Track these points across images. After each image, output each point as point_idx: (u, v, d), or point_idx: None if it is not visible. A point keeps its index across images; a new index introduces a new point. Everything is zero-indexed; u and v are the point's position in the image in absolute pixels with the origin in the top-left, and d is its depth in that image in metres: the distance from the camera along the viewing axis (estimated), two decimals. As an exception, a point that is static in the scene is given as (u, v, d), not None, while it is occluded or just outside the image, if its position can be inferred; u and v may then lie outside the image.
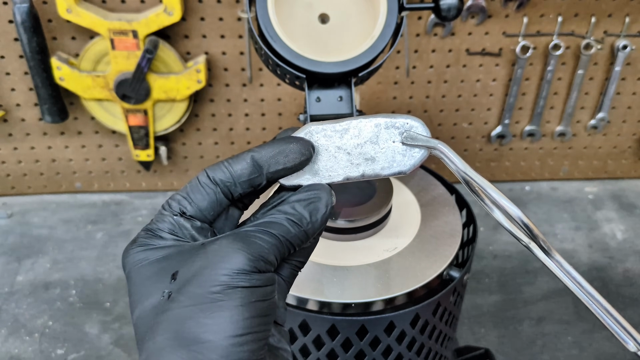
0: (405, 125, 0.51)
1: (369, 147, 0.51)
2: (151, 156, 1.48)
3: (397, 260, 0.72)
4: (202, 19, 1.34)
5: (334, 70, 0.84)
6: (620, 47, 1.41)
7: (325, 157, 0.51)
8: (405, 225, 0.78)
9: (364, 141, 0.51)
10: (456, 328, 0.84)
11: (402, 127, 0.51)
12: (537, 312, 1.28)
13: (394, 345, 0.70)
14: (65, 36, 1.34)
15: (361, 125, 0.51)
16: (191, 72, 1.34)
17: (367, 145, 0.51)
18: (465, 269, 0.73)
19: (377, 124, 0.51)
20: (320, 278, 0.69)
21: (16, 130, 1.47)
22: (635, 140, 1.61)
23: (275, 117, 1.49)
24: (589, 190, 1.64)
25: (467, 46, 1.42)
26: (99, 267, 1.37)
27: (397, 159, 0.51)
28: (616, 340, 0.47)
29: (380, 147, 0.51)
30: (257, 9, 0.83)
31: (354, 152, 0.51)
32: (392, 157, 0.51)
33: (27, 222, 1.50)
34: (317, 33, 0.87)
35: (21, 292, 1.31)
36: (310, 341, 0.68)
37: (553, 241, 1.46)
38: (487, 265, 1.39)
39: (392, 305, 0.69)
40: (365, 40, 0.85)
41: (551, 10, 1.37)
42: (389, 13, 0.84)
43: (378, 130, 0.51)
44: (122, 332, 1.23)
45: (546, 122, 1.55)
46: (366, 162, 0.51)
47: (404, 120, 0.51)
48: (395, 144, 0.51)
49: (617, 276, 1.37)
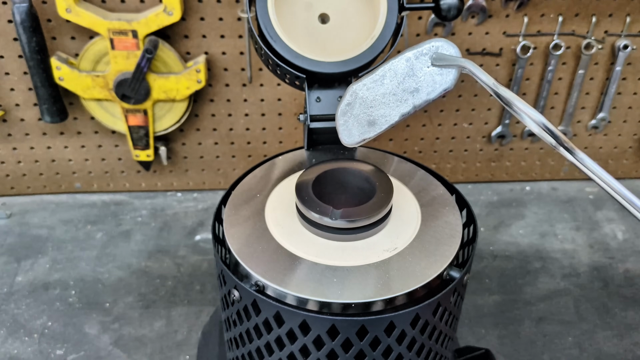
0: (432, 49, 0.52)
1: (409, 81, 0.53)
2: (151, 156, 1.48)
3: (397, 260, 0.72)
4: (202, 19, 1.34)
5: (334, 70, 0.84)
6: (621, 47, 1.40)
7: (378, 106, 0.52)
8: (405, 225, 0.77)
9: (403, 78, 0.53)
10: (456, 328, 0.84)
11: (429, 52, 0.53)
12: (538, 313, 1.27)
13: (394, 346, 0.69)
14: (64, 36, 1.34)
15: (394, 66, 0.53)
16: (191, 72, 1.34)
17: (407, 80, 0.53)
18: (466, 269, 0.73)
19: (408, 59, 0.53)
20: (320, 278, 0.69)
21: (15, 130, 1.47)
22: (636, 140, 1.60)
23: (275, 117, 1.49)
24: (590, 191, 1.64)
25: (468, 46, 1.41)
26: (99, 268, 1.37)
27: (437, 79, 0.53)
28: (617, 340, 0.47)
29: (419, 77, 0.53)
30: (257, 9, 0.83)
31: (398, 90, 0.53)
32: (432, 80, 0.53)
33: (27, 223, 1.50)
34: (317, 33, 0.87)
35: (20, 293, 1.31)
36: (310, 341, 0.68)
37: (554, 241, 1.46)
38: (487, 266, 1.39)
39: (392, 305, 0.69)
40: (365, 40, 0.85)
41: (552, 10, 1.37)
42: (389, 13, 0.84)
43: (410, 63, 0.53)
44: (121, 332, 1.23)
45: (547, 122, 1.55)
46: (412, 95, 0.53)
47: (429, 45, 0.53)
48: (430, 68, 0.53)
49: (617, 276, 1.36)
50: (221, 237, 0.79)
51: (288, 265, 0.71)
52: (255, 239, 0.74)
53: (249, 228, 0.76)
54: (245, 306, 0.70)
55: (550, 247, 1.44)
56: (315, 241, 0.74)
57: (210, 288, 1.32)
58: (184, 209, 1.56)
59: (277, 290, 0.68)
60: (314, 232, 0.74)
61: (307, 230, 0.75)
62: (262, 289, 0.69)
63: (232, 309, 0.74)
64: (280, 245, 0.74)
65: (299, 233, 0.75)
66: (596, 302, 1.29)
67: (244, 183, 0.85)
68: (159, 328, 1.24)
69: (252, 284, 0.69)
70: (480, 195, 1.61)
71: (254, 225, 0.77)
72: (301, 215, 0.75)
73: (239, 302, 0.71)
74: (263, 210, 0.80)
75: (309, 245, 0.73)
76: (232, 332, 0.77)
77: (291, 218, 0.77)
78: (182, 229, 1.49)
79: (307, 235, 0.75)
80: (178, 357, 1.18)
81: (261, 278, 0.69)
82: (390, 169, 0.88)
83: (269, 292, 0.69)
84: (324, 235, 0.74)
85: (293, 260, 0.71)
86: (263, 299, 0.67)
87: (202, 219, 1.53)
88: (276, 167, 0.89)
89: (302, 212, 0.74)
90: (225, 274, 0.72)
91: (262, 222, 0.77)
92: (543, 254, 1.42)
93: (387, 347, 0.69)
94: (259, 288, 0.69)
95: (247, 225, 0.77)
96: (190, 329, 1.23)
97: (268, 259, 0.71)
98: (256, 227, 0.77)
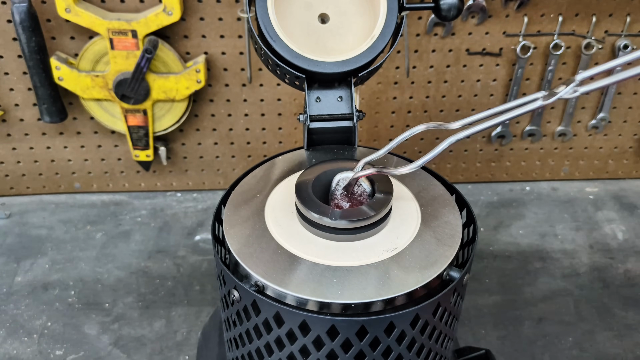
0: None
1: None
2: (150, 156, 1.48)
3: (397, 260, 0.72)
4: (201, 19, 1.33)
5: (334, 70, 0.84)
6: (621, 47, 1.40)
7: None
8: (405, 226, 0.77)
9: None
10: (456, 329, 0.84)
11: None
12: (538, 313, 1.27)
13: (394, 346, 0.69)
14: (64, 36, 1.34)
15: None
16: (191, 72, 1.34)
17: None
18: (466, 270, 0.72)
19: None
20: (319, 278, 0.69)
21: (15, 130, 1.47)
22: (636, 140, 1.60)
23: (274, 117, 1.49)
24: (590, 191, 1.64)
25: (468, 46, 1.41)
26: (98, 268, 1.37)
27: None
28: (617, 340, 0.47)
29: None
30: (257, 9, 0.83)
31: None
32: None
33: (26, 223, 1.50)
34: (317, 33, 0.87)
35: (20, 293, 1.31)
36: (310, 342, 0.68)
37: (554, 241, 1.46)
38: (487, 266, 1.39)
39: (392, 305, 0.68)
40: (365, 40, 0.85)
41: (552, 10, 1.37)
42: (388, 13, 0.84)
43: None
44: (121, 332, 1.22)
45: (547, 122, 1.55)
46: None
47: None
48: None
49: (618, 277, 1.36)
50: (221, 237, 0.78)
51: (288, 265, 0.71)
52: (255, 239, 0.74)
53: (249, 228, 0.76)
54: (245, 306, 0.70)
55: (550, 247, 1.44)
56: (315, 241, 0.74)
57: (210, 288, 1.32)
58: (183, 209, 1.56)
59: (277, 291, 0.68)
60: (314, 232, 0.74)
61: (307, 230, 0.75)
62: (261, 289, 0.69)
63: (232, 309, 0.74)
64: (280, 245, 0.73)
65: (298, 233, 0.75)
66: (596, 302, 1.29)
67: (243, 183, 0.85)
68: (159, 328, 1.24)
69: (252, 284, 0.69)
70: (480, 195, 1.61)
71: (254, 226, 0.77)
72: (301, 215, 0.75)
73: (238, 302, 0.71)
74: (263, 210, 0.79)
75: (308, 246, 0.73)
76: (232, 333, 0.77)
77: (291, 218, 0.77)
78: (181, 229, 1.49)
79: (307, 235, 0.75)
80: (178, 357, 1.18)
81: (261, 278, 0.69)
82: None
83: (268, 292, 0.69)
84: (324, 236, 0.74)
85: (293, 261, 0.71)
86: (263, 299, 0.67)
87: (201, 219, 1.52)
88: (276, 167, 0.89)
89: (302, 212, 0.74)
90: (225, 274, 0.71)
91: (262, 222, 0.77)
92: (543, 254, 1.42)
93: (387, 348, 0.69)
94: (258, 288, 0.69)
95: (247, 225, 0.77)
96: (190, 329, 1.23)
97: (268, 259, 0.71)
98: (256, 228, 0.76)
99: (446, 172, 1.62)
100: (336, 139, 0.92)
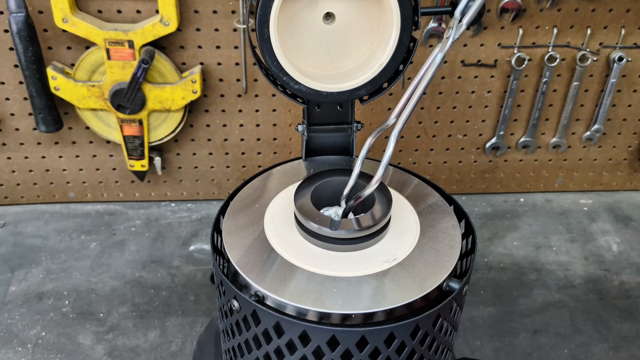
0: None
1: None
2: (145, 166, 1.48)
3: (397, 271, 0.72)
4: (197, 30, 1.34)
5: (342, 99, 0.83)
6: (615, 59, 1.41)
7: None
8: (405, 236, 0.77)
9: None
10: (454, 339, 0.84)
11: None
12: (533, 325, 1.27)
13: (393, 357, 0.69)
14: (60, 46, 1.34)
15: None
16: (186, 82, 1.34)
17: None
18: (465, 280, 0.73)
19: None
20: (320, 289, 0.69)
21: (10, 139, 1.46)
22: (630, 152, 1.61)
23: (269, 127, 1.49)
24: (584, 202, 1.64)
25: (463, 57, 1.42)
26: (93, 278, 1.36)
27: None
28: (613, 352, 0.47)
29: None
30: (264, 52, 0.80)
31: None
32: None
33: (20, 232, 1.49)
34: (325, 59, 0.85)
35: (14, 303, 1.30)
36: (310, 352, 0.68)
37: (548, 253, 1.46)
38: (482, 277, 1.39)
39: (392, 316, 0.68)
40: (374, 65, 0.83)
41: (547, 22, 1.38)
42: (399, 41, 0.81)
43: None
44: (115, 342, 1.22)
45: (541, 134, 1.56)
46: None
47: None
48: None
49: (613, 288, 1.36)
50: (220, 247, 0.78)
51: (288, 275, 0.71)
52: (254, 249, 0.74)
53: (248, 238, 0.76)
54: (245, 316, 0.70)
55: (545, 259, 1.44)
56: (315, 251, 0.74)
57: (205, 298, 1.32)
58: (178, 219, 1.55)
59: (277, 301, 0.68)
60: (314, 242, 0.74)
61: (307, 240, 0.75)
62: (261, 299, 0.69)
63: (231, 319, 0.73)
64: (279, 255, 0.74)
65: (298, 243, 0.75)
66: (592, 314, 1.29)
67: (242, 193, 0.85)
68: (153, 338, 1.23)
69: (252, 294, 0.69)
70: (475, 206, 1.61)
71: (253, 236, 0.77)
72: (300, 225, 0.75)
73: (238, 312, 0.71)
74: (262, 220, 0.79)
75: (308, 256, 0.73)
76: (231, 343, 0.77)
77: (290, 228, 0.77)
78: (176, 239, 1.49)
79: (307, 245, 0.75)
80: (173, 368, 1.18)
81: (261, 288, 0.69)
82: (387, 179, 0.88)
83: (268, 302, 0.69)
84: (324, 246, 0.74)
85: (293, 271, 0.71)
86: (263, 309, 0.67)
87: (196, 229, 1.52)
88: (274, 177, 0.89)
89: (302, 223, 0.74)
90: (224, 284, 0.71)
91: (261, 232, 0.77)
92: (538, 266, 1.42)
93: (387, 359, 0.69)
94: (258, 298, 0.69)
95: (246, 235, 0.77)
96: (185, 339, 1.23)
97: (268, 269, 0.71)
98: (255, 237, 0.76)
99: (440, 183, 1.63)
100: (334, 150, 0.92)
